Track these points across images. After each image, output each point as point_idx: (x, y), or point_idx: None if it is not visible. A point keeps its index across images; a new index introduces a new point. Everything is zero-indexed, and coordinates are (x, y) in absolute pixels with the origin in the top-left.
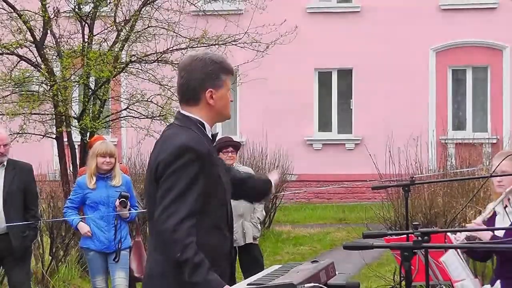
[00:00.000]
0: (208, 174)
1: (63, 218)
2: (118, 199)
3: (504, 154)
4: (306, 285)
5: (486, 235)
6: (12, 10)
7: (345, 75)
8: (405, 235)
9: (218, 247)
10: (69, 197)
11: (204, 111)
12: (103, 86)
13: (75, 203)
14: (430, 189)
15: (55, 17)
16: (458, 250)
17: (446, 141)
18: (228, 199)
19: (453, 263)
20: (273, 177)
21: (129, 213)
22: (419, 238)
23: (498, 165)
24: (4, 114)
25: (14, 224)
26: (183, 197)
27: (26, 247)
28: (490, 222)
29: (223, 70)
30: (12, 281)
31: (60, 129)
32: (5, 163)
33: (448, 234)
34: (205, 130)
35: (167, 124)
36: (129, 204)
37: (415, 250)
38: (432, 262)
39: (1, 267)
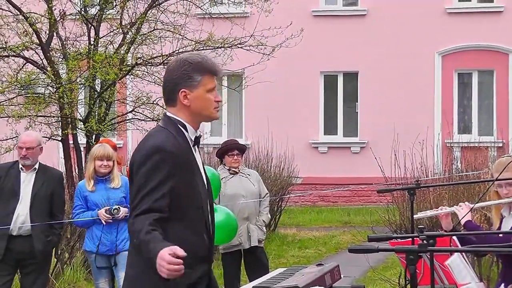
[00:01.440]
0: (180, 175)
1: (72, 220)
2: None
3: (503, 163)
4: None
5: (462, 214)
6: (19, 12)
7: (351, 78)
8: (410, 239)
9: (192, 251)
10: (74, 207)
11: (182, 112)
12: (109, 89)
13: (83, 207)
14: (436, 193)
15: (61, 20)
16: (463, 253)
17: (451, 145)
18: (205, 202)
19: (458, 266)
20: None
21: (127, 214)
22: (425, 241)
23: (502, 171)
24: (10, 116)
25: (38, 224)
26: (149, 195)
27: (48, 251)
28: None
29: (198, 70)
30: None
31: (66, 131)
32: (36, 167)
33: (454, 237)
34: (187, 131)
35: None
36: (121, 209)
37: (421, 254)
38: (437, 265)
39: (19, 273)
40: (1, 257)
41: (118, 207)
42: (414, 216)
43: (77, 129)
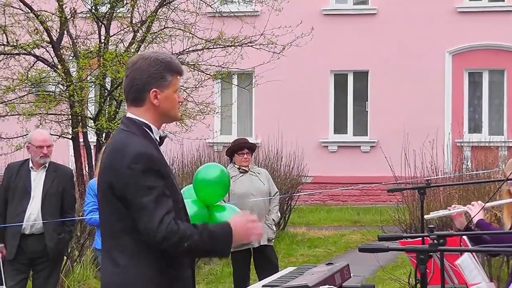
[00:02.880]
0: (165, 178)
1: (84, 217)
2: None
3: None
4: (321, 287)
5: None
6: (29, 11)
7: (361, 77)
8: (420, 238)
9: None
10: (86, 204)
11: (149, 113)
12: (119, 87)
13: (96, 204)
14: (446, 192)
15: (72, 18)
16: (474, 253)
17: (462, 144)
18: (184, 202)
19: (469, 266)
20: None
21: None
22: (435, 241)
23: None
24: (20, 114)
25: (50, 221)
26: (159, 201)
27: (60, 249)
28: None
29: (169, 70)
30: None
31: (76, 129)
32: (46, 165)
33: (464, 237)
34: (152, 133)
35: (183, 125)
36: None
37: (431, 253)
38: (447, 265)
39: (31, 271)
40: (13, 256)
41: None
42: (426, 216)
43: (87, 127)
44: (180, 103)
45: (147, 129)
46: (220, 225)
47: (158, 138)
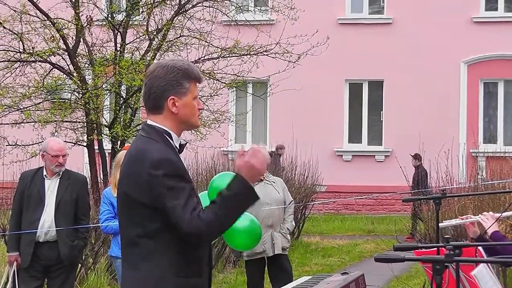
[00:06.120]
0: (186, 179)
1: (99, 224)
2: None
3: None
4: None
5: (487, 224)
6: (46, 18)
7: (376, 86)
8: (435, 248)
9: (199, 258)
10: (101, 213)
11: (168, 120)
12: (135, 95)
13: (111, 212)
14: (460, 202)
15: (88, 26)
16: (489, 264)
17: (477, 154)
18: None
19: (484, 277)
20: None
21: None
22: (451, 251)
23: None
24: (36, 122)
25: (64, 228)
26: (186, 202)
27: (74, 256)
28: None
29: (187, 77)
30: None
31: (91, 137)
32: (60, 173)
33: (479, 248)
34: (172, 140)
35: (198, 133)
36: None
37: (447, 264)
38: (462, 276)
39: (46, 279)
40: (28, 263)
41: None
42: (440, 224)
43: (103, 134)
44: (200, 110)
45: (167, 136)
46: (231, 182)
47: (178, 146)
